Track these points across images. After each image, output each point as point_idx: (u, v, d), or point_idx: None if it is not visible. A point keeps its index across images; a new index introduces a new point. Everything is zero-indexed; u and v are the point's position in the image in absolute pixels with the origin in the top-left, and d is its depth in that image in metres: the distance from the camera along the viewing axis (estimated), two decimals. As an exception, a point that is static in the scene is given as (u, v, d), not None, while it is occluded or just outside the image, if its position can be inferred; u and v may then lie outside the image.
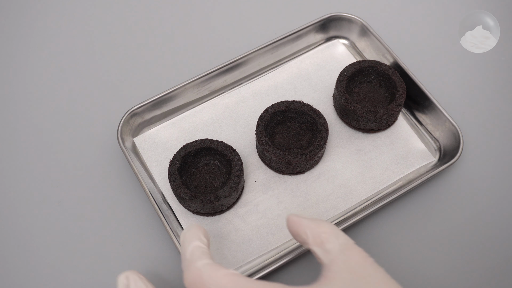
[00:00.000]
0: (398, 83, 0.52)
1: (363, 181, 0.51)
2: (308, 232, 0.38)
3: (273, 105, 0.51)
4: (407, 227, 0.50)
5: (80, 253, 0.49)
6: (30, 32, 0.62)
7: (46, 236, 0.49)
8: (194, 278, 0.36)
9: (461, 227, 0.50)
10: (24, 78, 0.59)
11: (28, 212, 0.51)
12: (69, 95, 0.57)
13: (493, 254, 0.48)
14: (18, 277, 0.48)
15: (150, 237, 0.49)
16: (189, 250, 0.38)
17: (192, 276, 0.36)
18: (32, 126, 0.55)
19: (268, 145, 0.49)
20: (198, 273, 0.35)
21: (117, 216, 0.50)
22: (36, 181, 0.52)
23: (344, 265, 0.36)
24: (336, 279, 0.35)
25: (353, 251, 0.37)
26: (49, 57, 0.60)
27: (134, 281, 0.39)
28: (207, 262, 0.36)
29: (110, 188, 0.52)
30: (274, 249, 0.48)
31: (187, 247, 0.38)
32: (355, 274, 0.35)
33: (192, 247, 0.38)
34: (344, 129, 0.54)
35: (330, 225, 0.38)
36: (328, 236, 0.37)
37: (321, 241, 0.37)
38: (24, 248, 0.49)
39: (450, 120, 0.51)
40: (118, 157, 0.53)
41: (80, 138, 0.54)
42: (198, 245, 0.38)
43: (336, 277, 0.35)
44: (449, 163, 0.49)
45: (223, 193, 0.47)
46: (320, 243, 0.37)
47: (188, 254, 0.37)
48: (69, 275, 0.48)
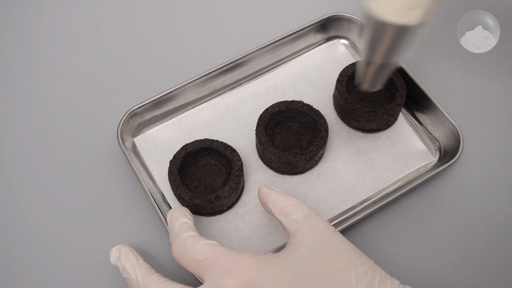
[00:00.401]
0: (398, 83, 0.52)
1: (363, 181, 0.51)
2: (276, 204, 0.42)
3: (273, 105, 0.51)
4: (407, 227, 0.50)
5: (79, 252, 0.49)
6: (30, 32, 0.62)
7: (46, 235, 0.49)
8: (180, 247, 0.40)
9: (461, 227, 0.50)
10: (24, 78, 0.59)
11: (28, 212, 0.51)
12: (68, 95, 0.57)
13: (493, 254, 0.49)
14: (18, 277, 0.48)
15: (149, 237, 0.49)
16: (177, 225, 0.42)
17: (178, 245, 0.40)
18: (32, 126, 0.55)
19: (268, 145, 0.49)
20: (184, 243, 0.40)
21: (117, 216, 0.50)
22: (36, 180, 0.52)
23: (308, 232, 0.39)
24: (301, 244, 0.39)
25: (316, 219, 0.40)
26: (49, 56, 0.60)
27: (125, 252, 0.43)
28: (192, 234, 0.40)
29: (110, 188, 0.52)
30: (274, 249, 0.48)
31: (174, 223, 0.42)
32: (318, 239, 0.39)
33: (179, 222, 0.42)
34: (344, 129, 0.54)
35: (296, 199, 0.42)
36: (294, 208, 0.41)
37: (287, 213, 0.41)
38: (24, 247, 0.49)
39: (450, 120, 0.51)
40: (118, 157, 0.53)
41: (80, 138, 0.54)
42: (185, 221, 0.42)
43: (301, 242, 0.39)
44: (449, 163, 0.49)
45: (223, 193, 0.47)
46: (286, 214, 0.41)
47: (176, 228, 0.42)
48: (69, 275, 0.48)
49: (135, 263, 0.43)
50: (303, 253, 0.38)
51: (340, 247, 0.39)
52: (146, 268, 0.42)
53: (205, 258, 0.38)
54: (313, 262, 0.38)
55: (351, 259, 0.38)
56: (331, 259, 0.38)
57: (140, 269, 0.42)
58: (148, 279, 0.41)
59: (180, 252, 0.40)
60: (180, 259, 0.40)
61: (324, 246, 0.38)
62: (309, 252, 0.38)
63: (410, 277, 0.47)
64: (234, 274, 0.37)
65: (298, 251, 0.38)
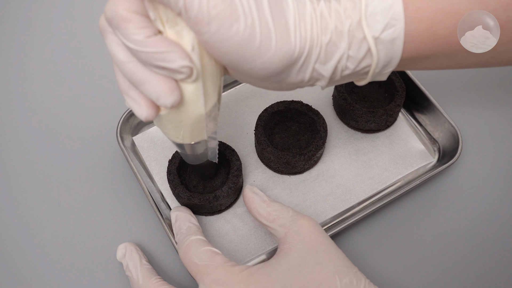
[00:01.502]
0: (398, 84, 0.52)
1: (362, 182, 0.51)
2: (260, 211, 0.43)
3: (272, 105, 0.51)
4: (406, 227, 0.50)
5: (79, 250, 0.49)
6: (30, 31, 0.62)
7: (45, 234, 0.49)
8: (186, 250, 0.41)
9: (460, 228, 0.50)
10: (24, 77, 0.59)
11: (27, 211, 0.51)
12: (68, 94, 0.57)
13: (492, 254, 0.49)
14: (19, 277, 0.48)
15: (149, 236, 0.49)
16: (186, 226, 0.44)
17: (185, 248, 0.41)
18: (31, 125, 0.55)
19: (267, 145, 0.49)
20: (189, 246, 0.41)
21: (116, 214, 0.50)
22: (36, 180, 0.52)
23: (297, 236, 0.40)
24: (291, 250, 0.40)
25: (304, 219, 0.41)
26: (49, 56, 0.60)
27: (130, 251, 0.45)
28: (199, 238, 0.42)
29: (109, 186, 0.52)
30: (272, 249, 0.48)
31: (182, 225, 0.44)
32: (307, 243, 0.40)
33: (188, 224, 0.44)
34: (343, 129, 0.54)
35: (279, 203, 0.43)
36: (279, 213, 0.42)
37: (273, 219, 0.42)
38: (24, 247, 0.49)
39: (449, 121, 0.51)
40: (117, 156, 0.53)
41: (80, 136, 0.54)
42: (194, 223, 0.44)
43: (291, 248, 0.40)
44: (448, 163, 0.49)
45: (221, 193, 0.47)
46: (273, 220, 0.42)
47: (185, 229, 0.43)
48: (68, 274, 0.48)
49: (138, 263, 0.44)
50: (293, 260, 0.39)
51: (328, 253, 0.39)
52: (147, 269, 0.43)
53: (202, 264, 0.39)
54: (302, 271, 0.38)
55: (337, 267, 0.39)
56: (319, 267, 0.38)
57: (141, 270, 0.43)
58: (148, 281, 0.42)
59: (185, 253, 0.41)
60: (183, 260, 0.41)
61: (313, 252, 0.39)
62: (299, 259, 0.39)
63: (409, 277, 0.47)
64: (225, 285, 0.38)
65: (288, 258, 0.39)
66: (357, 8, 0.32)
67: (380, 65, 0.34)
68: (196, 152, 0.40)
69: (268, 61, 0.31)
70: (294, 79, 0.34)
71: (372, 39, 0.32)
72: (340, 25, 0.32)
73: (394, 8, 0.32)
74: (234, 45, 0.30)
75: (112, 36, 0.32)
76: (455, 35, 0.33)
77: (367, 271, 0.47)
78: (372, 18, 0.32)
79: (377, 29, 0.32)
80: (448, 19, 0.33)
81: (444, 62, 0.36)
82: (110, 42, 0.32)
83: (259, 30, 0.30)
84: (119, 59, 0.32)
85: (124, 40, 0.30)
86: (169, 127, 0.36)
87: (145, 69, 0.31)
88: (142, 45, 0.30)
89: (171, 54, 0.30)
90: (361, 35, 0.32)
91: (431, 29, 0.33)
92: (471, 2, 0.32)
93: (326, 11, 0.32)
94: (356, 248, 0.49)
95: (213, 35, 0.30)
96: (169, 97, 0.32)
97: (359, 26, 0.32)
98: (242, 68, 0.32)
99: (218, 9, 0.29)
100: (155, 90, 0.31)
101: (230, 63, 0.31)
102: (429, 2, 0.32)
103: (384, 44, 0.33)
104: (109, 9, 0.30)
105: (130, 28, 0.30)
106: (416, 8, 0.32)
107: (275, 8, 0.31)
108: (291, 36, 0.31)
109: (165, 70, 0.31)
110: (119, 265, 0.48)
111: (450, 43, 0.34)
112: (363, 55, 0.33)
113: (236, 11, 0.29)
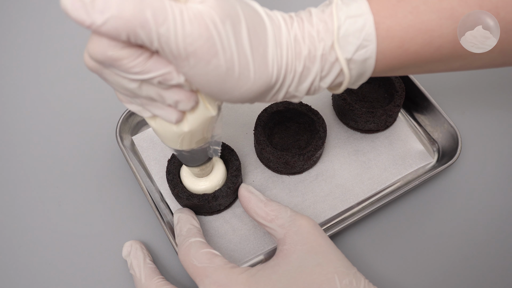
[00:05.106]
0: (397, 84, 0.52)
1: (361, 182, 0.51)
2: (258, 211, 0.43)
3: (271, 105, 0.51)
4: (405, 227, 0.50)
5: (78, 250, 0.49)
6: (30, 31, 0.62)
7: (45, 233, 0.50)
8: (185, 252, 0.41)
9: (459, 228, 0.50)
10: (24, 77, 0.58)
11: (27, 211, 0.51)
12: (68, 94, 0.57)
13: (492, 254, 0.49)
14: (19, 277, 0.48)
15: (148, 236, 0.49)
16: (187, 228, 0.44)
17: (184, 250, 0.41)
18: (31, 125, 0.55)
19: (266, 145, 0.49)
20: (189, 247, 0.41)
21: (115, 214, 0.50)
22: (35, 180, 0.52)
23: (296, 237, 0.40)
24: (291, 251, 0.39)
25: (302, 219, 0.41)
26: (48, 56, 0.60)
27: (135, 249, 0.45)
28: (198, 240, 0.42)
29: (108, 186, 0.52)
30: (271, 249, 0.48)
31: (183, 227, 0.44)
32: (306, 244, 0.40)
33: (189, 226, 0.44)
34: (343, 129, 0.54)
35: (276, 203, 0.43)
36: (277, 212, 0.42)
37: (271, 219, 0.42)
38: (24, 247, 0.49)
39: (448, 121, 0.51)
40: (116, 156, 0.53)
41: (79, 136, 0.54)
42: (194, 225, 0.44)
43: (291, 249, 0.40)
44: (447, 164, 0.49)
45: (220, 193, 0.47)
46: (271, 220, 0.42)
47: (185, 231, 0.43)
48: (68, 274, 0.48)
49: (141, 261, 0.44)
50: (293, 261, 0.39)
51: (328, 254, 0.39)
52: (150, 268, 0.43)
53: (202, 266, 0.40)
54: (302, 272, 0.38)
55: (337, 268, 0.39)
56: (319, 269, 0.38)
57: (145, 269, 0.43)
58: (150, 280, 0.42)
59: (184, 255, 0.41)
60: (183, 262, 0.41)
61: (312, 253, 0.39)
62: (298, 261, 0.39)
63: (409, 277, 0.47)
64: (225, 287, 0.38)
65: (287, 259, 0.39)
66: (329, 30, 0.32)
67: (352, 81, 0.35)
68: (195, 155, 0.41)
69: (246, 91, 0.32)
70: (269, 100, 0.34)
71: (345, 61, 0.33)
72: (314, 50, 0.32)
73: (366, 29, 0.32)
74: (213, 79, 0.30)
75: (109, 71, 0.31)
76: (426, 50, 0.34)
77: (367, 271, 0.47)
78: (345, 40, 0.32)
79: (349, 51, 0.32)
80: (420, 36, 0.33)
81: (415, 70, 0.36)
82: (111, 77, 0.31)
83: (237, 63, 0.30)
84: (131, 88, 0.32)
85: (124, 75, 0.30)
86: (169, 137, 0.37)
87: (157, 85, 0.32)
88: (144, 73, 0.30)
89: (172, 73, 0.30)
90: (334, 57, 0.33)
91: (402, 47, 0.33)
92: (441, 17, 0.33)
93: (300, 34, 0.32)
94: (356, 248, 0.49)
95: (191, 69, 0.30)
96: (188, 102, 0.33)
97: (332, 49, 0.32)
98: (221, 98, 0.32)
99: (194, 46, 0.28)
100: (173, 99, 0.32)
101: (209, 94, 0.32)
102: (400, 20, 0.33)
103: (357, 63, 0.33)
104: (96, 52, 0.29)
105: (125, 64, 0.29)
106: (387, 27, 0.33)
107: (254, 36, 0.31)
108: (269, 64, 0.31)
109: (173, 86, 0.32)
110: (119, 265, 0.48)
111: (421, 57, 0.34)
112: (335, 76, 0.34)
113: (214, 46, 0.29)
